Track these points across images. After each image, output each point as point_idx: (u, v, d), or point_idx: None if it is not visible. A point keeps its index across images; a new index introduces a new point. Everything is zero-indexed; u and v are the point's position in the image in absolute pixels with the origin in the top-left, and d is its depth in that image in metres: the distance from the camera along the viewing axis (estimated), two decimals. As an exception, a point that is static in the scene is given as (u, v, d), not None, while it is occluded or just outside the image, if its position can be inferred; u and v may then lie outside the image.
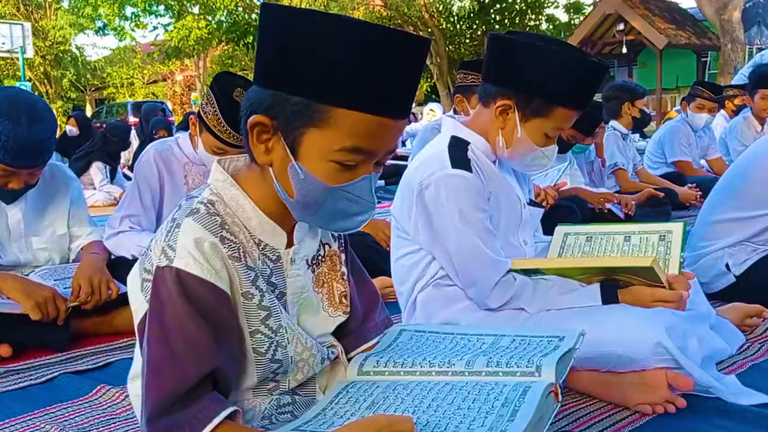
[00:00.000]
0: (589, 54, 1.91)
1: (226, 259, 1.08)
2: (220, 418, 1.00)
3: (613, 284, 1.72)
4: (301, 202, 1.09)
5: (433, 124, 4.89)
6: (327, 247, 1.28)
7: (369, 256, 2.83)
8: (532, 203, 2.07)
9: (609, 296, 1.71)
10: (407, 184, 1.84)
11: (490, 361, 1.13)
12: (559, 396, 1.07)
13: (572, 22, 21.46)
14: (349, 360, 1.29)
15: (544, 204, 3.15)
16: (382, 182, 6.58)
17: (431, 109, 10.24)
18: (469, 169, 1.76)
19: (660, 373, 1.58)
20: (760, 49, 18.24)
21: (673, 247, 1.83)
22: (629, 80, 6.79)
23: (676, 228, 1.88)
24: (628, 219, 3.81)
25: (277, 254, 1.17)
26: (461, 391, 1.07)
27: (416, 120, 12.04)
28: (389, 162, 7.07)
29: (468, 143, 1.84)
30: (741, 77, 7.04)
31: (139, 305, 1.11)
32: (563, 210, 3.41)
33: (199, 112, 2.50)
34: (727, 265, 2.43)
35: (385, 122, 1.04)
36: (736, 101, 6.48)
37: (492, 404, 1.01)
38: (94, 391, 1.89)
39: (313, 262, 1.25)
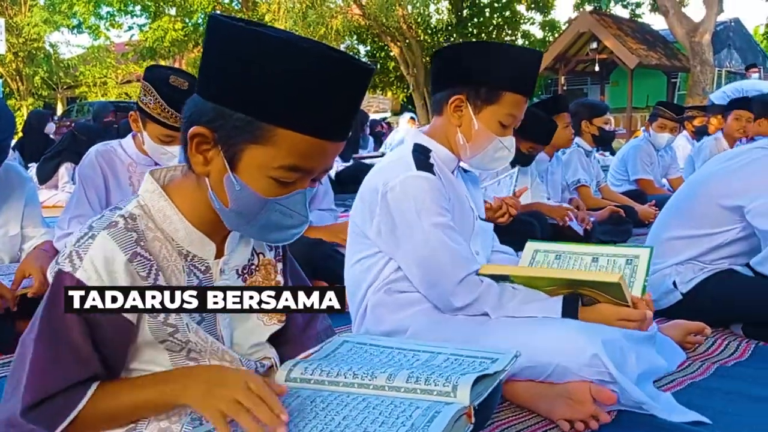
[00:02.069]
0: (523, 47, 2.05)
1: (135, 276, 1.08)
2: (89, 393, 1.06)
3: (574, 299, 1.76)
4: (235, 211, 1.10)
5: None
6: (261, 256, 1.29)
7: (328, 265, 2.83)
8: (484, 220, 2.10)
9: (568, 310, 1.74)
10: (369, 187, 1.87)
11: (410, 377, 1.14)
12: (472, 418, 1.08)
13: (547, 39, 21.72)
14: None
15: (505, 217, 3.16)
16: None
17: (411, 117, 10.34)
18: (432, 172, 1.82)
19: (584, 386, 1.60)
20: (729, 72, 18.66)
21: (638, 271, 1.87)
22: (593, 98, 6.90)
23: (643, 253, 1.91)
24: (587, 235, 3.86)
25: (206, 265, 1.18)
26: (374, 410, 1.08)
27: (391, 130, 12.10)
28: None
29: (430, 150, 1.90)
30: (723, 96, 7.16)
31: None
32: (523, 225, 3.42)
33: (138, 105, 2.51)
34: (674, 283, 2.46)
35: (325, 144, 1.06)
36: (696, 122, 6.63)
37: (398, 429, 1.02)
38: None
39: (245, 271, 1.25)
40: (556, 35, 19.85)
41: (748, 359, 2.18)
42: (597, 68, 17.20)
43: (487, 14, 22.38)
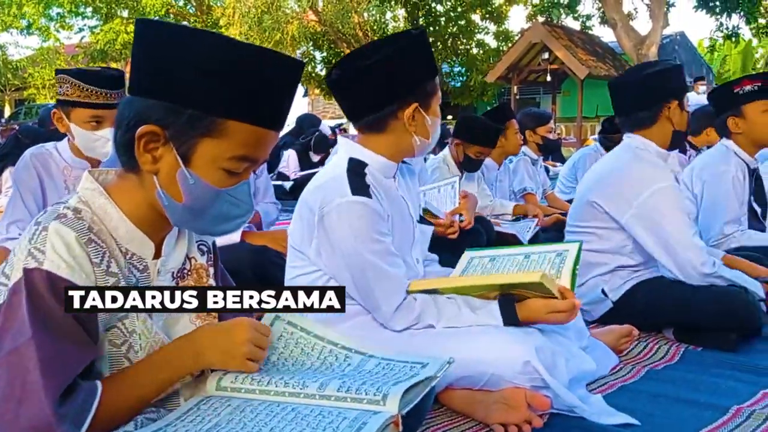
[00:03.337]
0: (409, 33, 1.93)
1: (92, 261, 1.10)
2: (99, 384, 1.09)
3: (510, 302, 1.78)
4: (189, 206, 1.14)
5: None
6: (193, 260, 1.31)
7: (272, 271, 2.82)
8: (422, 221, 2.13)
9: (506, 312, 1.77)
10: (306, 207, 1.84)
11: (341, 387, 1.15)
12: (400, 426, 1.10)
13: (501, 48, 22.03)
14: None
15: (456, 234, 3.19)
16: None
17: None
18: (368, 194, 1.78)
19: (520, 392, 1.65)
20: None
21: (567, 260, 1.89)
22: (535, 108, 7.05)
23: (572, 247, 1.96)
24: (532, 243, 3.93)
25: (144, 264, 1.20)
26: (302, 421, 1.09)
27: (347, 135, 12.11)
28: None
29: (365, 165, 1.86)
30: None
31: None
32: (469, 232, 3.46)
33: (58, 102, 2.49)
34: (603, 291, 2.51)
35: (270, 133, 1.15)
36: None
37: None
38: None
39: (178, 275, 1.27)
40: (510, 45, 20.14)
41: (677, 363, 2.26)
42: (549, 78, 17.49)
43: (443, 23, 22.58)
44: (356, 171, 1.84)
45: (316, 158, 7.84)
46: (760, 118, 2.94)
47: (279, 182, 7.06)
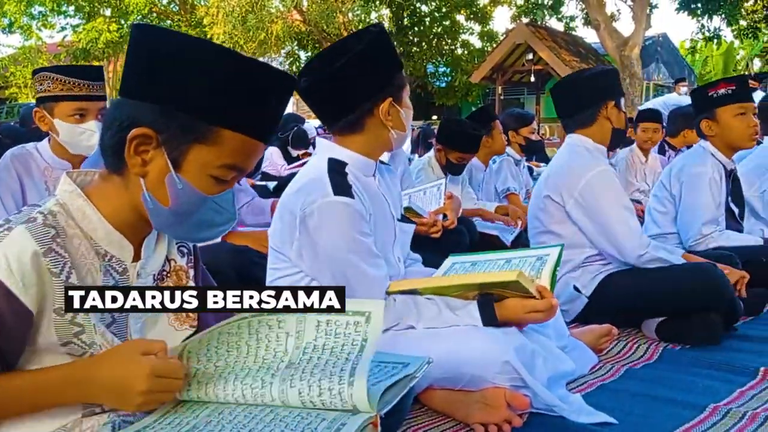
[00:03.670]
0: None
1: (45, 273, 1.08)
2: None
3: (489, 302, 1.79)
4: (174, 210, 1.14)
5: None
6: (173, 262, 1.31)
7: (254, 272, 2.82)
8: (403, 219, 2.14)
9: (487, 316, 1.78)
10: (287, 209, 1.84)
11: (301, 392, 1.11)
12: (379, 427, 1.10)
13: (485, 49, 22.10)
14: None
15: (439, 233, 3.22)
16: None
17: None
18: (350, 194, 1.78)
19: (499, 392, 1.66)
20: (657, 85, 19.34)
21: (548, 262, 1.91)
22: (519, 108, 7.06)
23: (553, 251, 1.97)
24: (515, 245, 3.96)
25: (123, 266, 1.20)
26: (280, 422, 1.08)
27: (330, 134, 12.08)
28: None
29: (345, 164, 1.87)
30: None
31: None
32: (453, 233, 3.48)
33: (39, 101, 2.48)
34: (576, 288, 2.54)
35: (260, 145, 1.17)
36: (624, 132, 6.91)
37: None
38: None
39: (158, 277, 1.27)
40: (494, 46, 20.21)
41: (656, 361, 2.29)
42: (533, 79, 17.60)
43: (428, 23, 22.63)
44: (337, 171, 1.84)
45: (294, 153, 7.83)
46: (732, 121, 2.98)
47: (263, 182, 7.04)
